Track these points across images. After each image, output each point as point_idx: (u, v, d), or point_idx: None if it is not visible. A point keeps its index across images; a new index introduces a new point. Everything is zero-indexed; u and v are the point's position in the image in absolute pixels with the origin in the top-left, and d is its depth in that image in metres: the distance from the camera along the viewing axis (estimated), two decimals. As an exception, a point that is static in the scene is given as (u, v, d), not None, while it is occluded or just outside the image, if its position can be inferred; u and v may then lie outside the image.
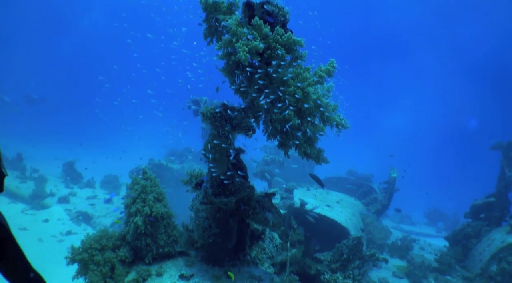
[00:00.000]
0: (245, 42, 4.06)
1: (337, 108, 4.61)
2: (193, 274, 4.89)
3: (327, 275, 7.01)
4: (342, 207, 11.36)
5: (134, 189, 5.25)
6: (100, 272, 4.72)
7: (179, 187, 14.45)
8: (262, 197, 5.32)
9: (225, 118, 4.62)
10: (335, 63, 4.57)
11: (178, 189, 15.19)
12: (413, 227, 27.71)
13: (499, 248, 12.03)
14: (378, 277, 11.56)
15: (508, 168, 13.37)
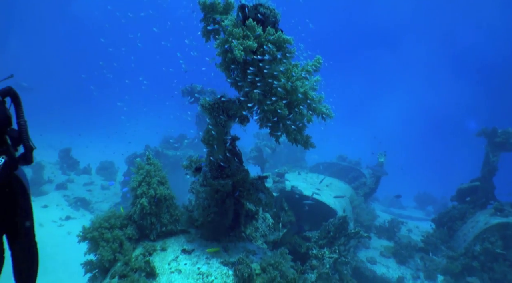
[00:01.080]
0: (240, 41, 4.62)
1: (323, 99, 5.20)
2: (194, 249, 5.52)
3: (315, 250, 7.72)
4: (331, 191, 12.05)
5: (139, 173, 5.84)
6: (110, 247, 5.33)
7: (175, 172, 15.15)
8: (255, 179, 5.93)
9: (222, 109, 5.19)
10: (321, 59, 5.14)
11: (173, 174, 15.85)
12: (403, 211, 28.63)
13: (483, 229, 12.78)
14: (366, 256, 12.33)
15: (492, 154, 14.09)
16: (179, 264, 5.17)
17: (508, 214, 13.01)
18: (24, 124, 3.00)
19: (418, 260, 12.87)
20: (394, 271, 12.08)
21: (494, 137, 14.02)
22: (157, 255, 5.36)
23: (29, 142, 2.87)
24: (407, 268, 12.43)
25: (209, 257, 5.37)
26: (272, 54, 4.73)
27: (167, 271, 5.04)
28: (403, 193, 29.28)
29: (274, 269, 5.21)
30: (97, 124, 44.83)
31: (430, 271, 12.26)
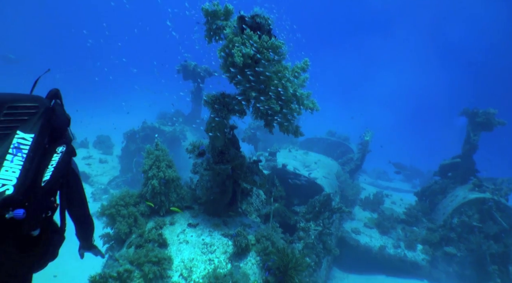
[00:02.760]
0: (240, 48, 5.49)
1: (310, 95, 6.14)
2: (198, 223, 6.55)
3: (302, 223, 8.85)
4: (319, 167, 13.07)
5: (149, 157, 6.80)
6: (126, 222, 6.33)
7: (171, 148, 16.05)
8: (251, 163, 6.93)
9: (223, 104, 6.11)
10: (308, 61, 6.04)
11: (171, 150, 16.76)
12: (390, 183, 29.84)
13: (461, 203, 13.85)
14: (351, 227, 13.44)
15: (473, 133, 15.10)
16: (186, 236, 6.20)
17: (485, 190, 14.04)
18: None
19: (400, 231, 13.95)
20: (377, 241, 13.18)
21: (475, 117, 14.95)
22: (166, 228, 6.38)
23: (70, 134, 3.59)
24: (389, 238, 13.51)
25: (211, 230, 6.41)
26: (266, 58, 5.63)
27: (176, 242, 6.08)
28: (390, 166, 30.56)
29: (267, 240, 6.29)
30: (91, 97, 45.11)
31: (410, 241, 13.31)
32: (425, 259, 12.98)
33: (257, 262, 6.01)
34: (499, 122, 14.66)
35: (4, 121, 2.54)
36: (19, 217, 2.30)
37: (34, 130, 2.60)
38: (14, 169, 2.38)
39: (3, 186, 2.28)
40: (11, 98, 2.66)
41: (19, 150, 2.47)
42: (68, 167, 3.09)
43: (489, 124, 14.75)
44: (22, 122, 2.59)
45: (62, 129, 3.01)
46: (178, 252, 5.85)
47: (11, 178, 2.33)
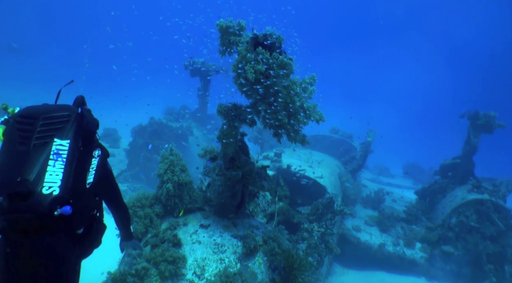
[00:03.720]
0: (252, 65, 5.96)
1: (316, 106, 6.62)
2: (209, 224, 7.07)
3: (306, 224, 9.41)
4: (322, 167, 13.56)
5: (164, 162, 7.33)
6: (143, 223, 6.87)
7: (178, 143, 16.54)
8: (260, 169, 7.44)
9: (235, 114, 6.60)
10: (316, 76, 6.52)
11: (178, 145, 17.28)
12: (391, 179, 30.32)
13: (459, 204, 14.23)
14: (352, 224, 13.92)
15: (473, 134, 15.57)
16: (198, 236, 6.73)
17: (484, 191, 14.46)
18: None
19: (399, 229, 14.42)
20: (377, 238, 13.65)
21: (476, 120, 15.40)
22: (180, 229, 6.90)
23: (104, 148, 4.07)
24: (389, 235, 13.98)
25: (222, 231, 6.94)
26: (276, 74, 6.10)
27: (190, 242, 6.60)
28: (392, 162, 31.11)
29: (273, 241, 6.82)
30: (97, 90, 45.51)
31: (409, 239, 13.77)
32: (423, 257, 13.45)
33: (264, 262, 6.55)
34: (499, 125, 15.12)
35: (41, 131, 2.93)
36: (66, 213, 2.74)
37: (69, 136, 3.00)
38: (57, 172, 2.80)
39: (50, 188, 2.71)
40: (45, 110, 3.06)
41: (59, 155, 2.88)
42: (105, 168, 3.62)
43: (489, 127, 15.21)
44: (58, 130, 2.99)
45: (93, 132, 3.41)
46: (191, 252, 6.39)
47: (56, 180, 2.76)
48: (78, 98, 3.56)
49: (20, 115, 3.02)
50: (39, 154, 2.83)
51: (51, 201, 2.67)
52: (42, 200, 2.65)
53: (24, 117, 3.00)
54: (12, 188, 2.65)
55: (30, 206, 2.63)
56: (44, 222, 2.73)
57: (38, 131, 2.93)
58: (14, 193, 2.64)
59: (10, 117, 3.08)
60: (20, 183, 2.67)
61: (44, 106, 3.20)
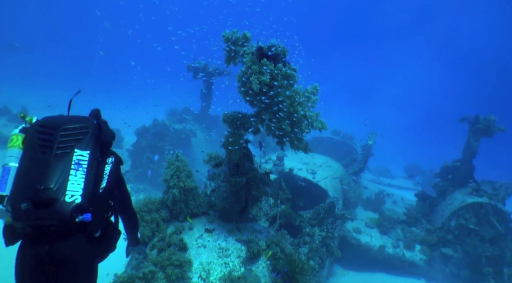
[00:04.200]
0: (257, 76, 6.18)
1: (319, 115, 6.85)
2: (214, 228, 7.31)
3: (307, 228, 9.66)
4: (324, 171, 13.79)
5: (171, 168, 7.57)
6: (149, 227, 7.11)
7: (180, 145, 16.81)
8: (263, 175, 7.68)
9: (240, 123, 6.83)
10: (318, 87, 6.75)
11: (179, 146, 17.55)
12: (392, 180, 30.52)
13: (459, 207, 14.34)
14: (353, 226, 14.10)
15: (473, 138, 15.76)
16: (203, 241, 6.97)
17: (483, 195, 14.61)
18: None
19: (399, 231, 14.60)
20: (377, 240, 13.83)
21: (476, 124, 15.58)
22: (185, 233, 7.14)
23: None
24: (389, 237, 14.15)
25: (226, 235, 7.18)
26: (280, 85, 6.33)
27: (195, 246, 6.84)
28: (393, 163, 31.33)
29: (276, 245, 7.06)
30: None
31: (409, 241, 13.95)
32: (423, 259, 13.64)
33: (267, 266, 6.79)
34: (499, 129, 15.31)
35: (62, 141, 3.15)
36: (87, 220, 2.98)
37: (89, 147, 3.24)
38: (79, 182, 3.03)
39: (72, 196, 2.95)
40: (64, 121, 3.29)
41: (80, 165, 3.11)
42: (118, 174, 3.82)
43: (489, 131, 15.38)
44: (78, 141, 3.21)
45: (109, 144, 3.67)
46: (197, 256, 6.62)
47: (78, 189, 3.00)
48: (93, 111, 3.77)
49: (40, 125, 3.24)
50: (61, 163, 3.06)
51: (73, 209, 2.90)
52: (65, 207, 2.88)
53: (45, 127, 3.22)
54: (36, 195, 2.88)
55: (54, 213, 2.86)
56: (66, 228, 2.97)
57: (59, 141, 3.15)
58: (39, 200, 2.87)
59: (29, 126, 3.32)
60: (44, 191, 2.89)
61: (62, 117, 3.43)
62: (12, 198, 2.96)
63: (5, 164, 3.17)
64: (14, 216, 2.89)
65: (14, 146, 3.25)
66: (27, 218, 2.86)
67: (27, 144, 3.22)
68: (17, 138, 3.29)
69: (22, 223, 2.90)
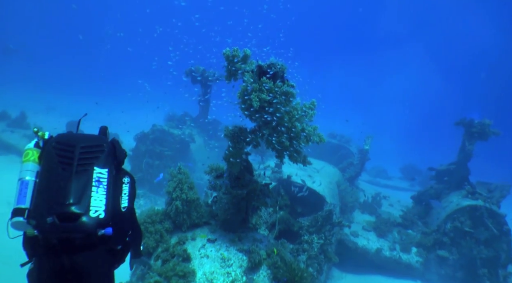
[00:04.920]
0: (257, 94, 6.48)
1: (317, 129, 7.17)
2: (216, 238, 7.62)
3: (306, 236, 9.99)
4: (321, 176, 14.07)
5: (173, 180, 7.87)
6: (154, 238, 7.41)
7: (179, 151, 17.07)
8: (263, 186, 7.99)
9: (240, 136, 7.13)
10: (315, 102, 7.05)
11: (178, 152, 17.82)
12: (388, 181, 30.83)
13: (454, 209, 14.62)
14: (350, 230, 14.39)
15: (468, 142, 16.09)
16: (206, 251, 7.27)
17: (478, 197, 14.84)
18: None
19: (396, 234, 14.90)
20: (374, 243, 14.13)
21: (471, 127, 15.91)
22: (188, 243, 7.45)
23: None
24: (385, 240, 14.44)
25: (228, 245, 7.49)
26: (279, 102, 6.63)
27: (198, 256, 7.15)
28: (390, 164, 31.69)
29: (276, 255, 7.37)
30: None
31: (405, 244, 14.24)
32: (419, 261, 13.96)
33: (268, 275, 7.10)
34: (494, 132, 15.62)
35: (82, 159, 3.36)
36: (109, 233, 3.22)
37: (107, 165, 3.47)
38: (101, 198, 3.26)
39: (96, 212, 3.17)
40: (80, 139, 3.51)
41: (100, 182, 3.33)
42: (135, 194, 4.06)
43: (484, 134, 15.69)
44: (96, 159, 3.43)
45: (122, 162, 3.89)
46: (200, 266, 6.93)
47: (101, 205, 3.22)
48: (102, 128, 4.07)
49: (58, 142, 3.45)
50: (82, 180, 3.27)
51: (96, 223, 3.15)
52: (89, 222, 3.12)
53: (62, 144, 3.43)
54: (62, 210, 3.11)
55: (80, 227, 3.10)
56: (90, 241, 3.24)
57: (79, 158, 3.36)
58: (65, 215, 3.11)
59: (44, 142, 3.56)
60: (70, 206, 3.12)
61: (77, 134, 3.67)
62: (36, 212, 3.18)
63: (21, 178, 3.35)
64: (40, 229, 3.12)
65: (29, 161, 3.44)
66: (54, 231, 3.09)
67: (46, 159, 3.41)
68: (32, 153, 3.48)
69: (48, 235, 3.15)
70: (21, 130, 21.44)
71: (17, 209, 3.22)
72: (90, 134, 3.81)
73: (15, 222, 3.19)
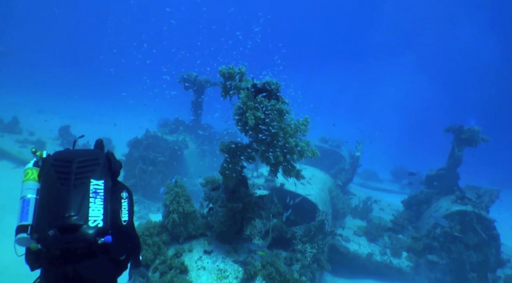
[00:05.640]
0: (252, 112, 6.75)
1: (310, 143, 7.45)
2: (212, 250, 7.87)
3: (299, 246, 10.29)
4: (313, 183, 14.37)
5: (170, 193, 8.12)
6: (152, 250, 7.65)
7: (173, 157, 17.27)
8: (257, 198, 8.26)
9: (236, 151, 7.39)
10: (309, 119, 7.34)
11: (171, 158, 18.03)
12: (379, 184, 31.24)
13: (444, 215, 14.89)
14: (342, 235, 14.82)
15: (457, 148, 16.50)
16: (203, 263, 7.53)
17: (467, 203, 15.22)
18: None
19: (386, 239, 15.20)
20: (365, 248, 14.39)
21: (460, 134, 16.33)
22: (186, 255, 7.70)
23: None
24: (376, 245, 14.71)
25: (224, 257, 7.75)
26: (273, 119, 6.90)
27: (195, 268, 7.40)
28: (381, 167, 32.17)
29: (271, 266, 7.65)
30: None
31: (396, 249, 14.52)
32: (409, 266, 14.25)
33: (263, 286, 7.37)
34: (483, 139, 16.04)
35: (79, 173, 3.59)
36: (108, 241, 3.41)
37: (103, 177, 3.69)
38: (98, 208, 3.47)
39: (95, 221, 3.39)
40: (76, 154, 3.74)
41: (97, 193, 3.55)
42: (133, 207, 4.27)
43: (473, 141, 16.11)
44: (92, 172, 3.66)
45: (118, 173, 4.09)
46: (197, 278, 7.18)
47: (99, 214, 3.43)
48: (98, 142, 4.29)
49: (55, 159, 3.70)
50: (80, 192, 3.50)
51: (96, 232, 3.35)
52: (89, 231, 3.33)
53: (60, 160, 3.68)
54: (63, 222, 3.32)
55: (80, 237, 3.31)
56: (91, 250, 3.45)
57: (76, 172, 3.58)
58: (65, 227, 3.32)
59: (43, 161, 3.78)
60: (69, 218, 3.33)
61: (73, 150, 3.92)
62: (38, 226, 3.40)
63: (23, 196, 3.56)
64: (42, 242, 3.33)
65: (29, 179, 3.67)
66: (55, 243, 3.30)
67: (45, 176, 3.64)
68: (32, 172, 3.71)
69: (51, 247, 3.36)
70: (14, 135, 21.53)
71: (20, 226, 3.43)
72: (86, 149, 4.03)
73: (20, 238, 3.38)
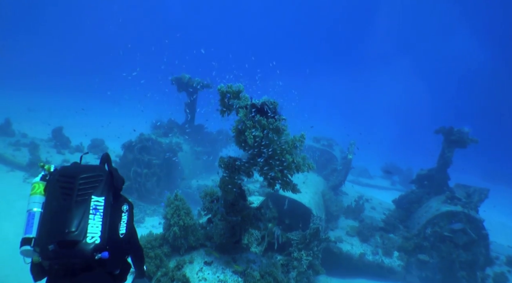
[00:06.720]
0: (251, 131, 7.06)
1: (306, 158, 7.78)
2: (212, 261, 8.21)
3: (295, 253, 10.70)
4: (306, 187, 14.73)
5: (171, 207, 8.43)
6: (154, 263, 7.96)
7: (167, 159, 17.50)
8: (255, 210, 8.60)
9: (235, 167, 7.71)
10: (305, 135, 7.67)
11: (165, 160, 18.26)
12: (370, 180, 31.81)
13: (434, 215, 15.43)
14: (334, 236, 15.06)
15: (447, 149, 16.97)
16: (204, 274, 7.85)
17: (457, 203, 15.68)
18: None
19: (378, 238, 15.65)
20: (357, 248, 14.83)
21: (450, 135, 16.78)
22: (187, 267, 8.02)
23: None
24: (368, 245, 15.15)
25: (224, 267, 8.08)
26: (271, 138, 7.22)
27: (196, 279, 7.72)
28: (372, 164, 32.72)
29: (269, 276, 8.01)
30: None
31: (387, 248, 14.98)
32: (400, 265, 14.73)
33: (262, 296, 7.74)
34: (472, 140, 16.50)
35: (81, 189, 3.79)
36: (105, 257, 3.62)
37: (104, 194, 3.88)
38: (97, 225, 3.67)
39: (92, 238, 3.59)
40: (80, 170, 3.93)
41: (97, 210, 3.75)
42: (133, 220, 4.50)
43: (462, 142, 16.57)
44: (94, 188, 3.85)
45: (120, 188, 4.27)
46: (198, 289, 7.52)
47: (97, 231, 3.64)
48: (103, 156, 4.41)
49: (60, 174, 3.90)
50: (80, 209, 3.70)
51: (93, 248, 3.57)
52: (86, 247, 3.55)
53: (64, 176, 3.88)
54: (62, 238, 3.54)
55: (77, 253, 3.52)
56: (88, 265, 3.65)
57: (78, 189, 3.78)
58: (64, 242, 3.54)
59: (49, 175, 3.99)
60: (68, 234, 3.54)
61: (78, 166, 4.09)
62: (40, 240, 3.61)
63: (29, 209, 3.77)
64: (43, 255, 3.55)
65: (36, 193, 3.87)
66: (55, 257, 3.51)
67: (50, 191, 3.85)
68: (39, 186, 3.91)
69: (50, 261, 3.58)
70: (6, 137, 21.50)
71: (25, 238, 3.65)
72: (92, 165, 4.19)
73: (23, 250, 3.61)
